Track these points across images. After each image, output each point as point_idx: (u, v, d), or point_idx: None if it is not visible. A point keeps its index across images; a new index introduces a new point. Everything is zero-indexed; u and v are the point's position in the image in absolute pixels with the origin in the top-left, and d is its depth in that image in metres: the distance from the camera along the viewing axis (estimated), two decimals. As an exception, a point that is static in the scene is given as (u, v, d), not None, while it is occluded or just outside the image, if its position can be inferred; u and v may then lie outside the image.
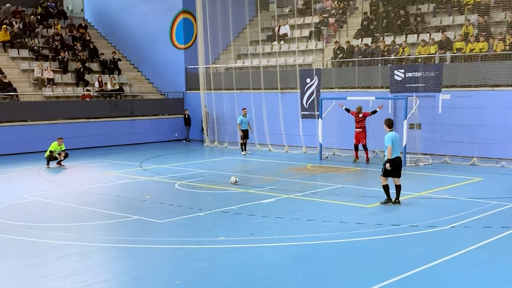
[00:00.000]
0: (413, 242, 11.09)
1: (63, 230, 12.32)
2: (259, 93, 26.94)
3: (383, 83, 23.83)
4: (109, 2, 35.51)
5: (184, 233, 11.96)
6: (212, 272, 9.33)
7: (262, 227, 12.26)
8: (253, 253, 10.38)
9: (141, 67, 33.92)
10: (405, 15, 26.86)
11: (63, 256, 10.40)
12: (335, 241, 11.08)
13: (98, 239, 11.66)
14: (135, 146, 28.30)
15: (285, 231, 11.79)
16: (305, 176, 19.01)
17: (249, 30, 32.47)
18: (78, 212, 13.98)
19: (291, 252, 10.43)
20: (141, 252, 10.62)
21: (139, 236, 11.66)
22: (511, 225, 11.89)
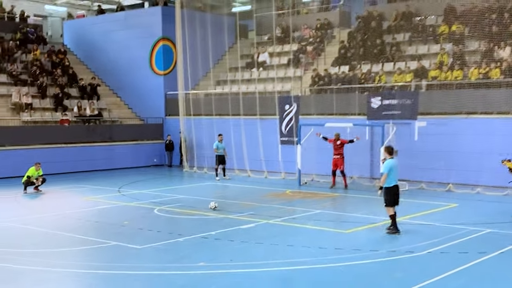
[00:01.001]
0: (391, 267, 11.13)
1: (40, 256, 12.15)
2: (238, 119, 27.02)
3: (361, 110, 24.05)
4: (88, 28, 35.53)
5: (163, 259, 11.87)
6: None
7: (241, 252, 12.23)
8: (233, 279, 10.32)
9: (120, 92, 33.85)
10: (381, 44, 27.22)
11: (39, 282, 10.26)
12: (315, 266, 11.09)
13: (75, 265, 11.52)
14: (113, 171, 28.11)
15: (265, 257, 11.76)
16: (284, 202, 19.03)
17: (229, 57, 32.65)
18: (55, 238, 13.83)
19: (271, 278, 10.40)
20: (119, 278, 10.52)
21: (117, 262, 11.54)
22: (487, 251, 12.00)
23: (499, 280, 10.14)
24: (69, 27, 37.17)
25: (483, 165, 20.88)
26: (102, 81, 34.09)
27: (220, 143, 24.82)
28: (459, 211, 17.20)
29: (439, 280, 10.08)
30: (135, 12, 34.76)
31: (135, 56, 32.42)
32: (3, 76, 29.81)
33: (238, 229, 14.48)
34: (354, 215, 16.18)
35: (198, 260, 11.51)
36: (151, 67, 32.07)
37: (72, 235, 14.05)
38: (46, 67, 31.75)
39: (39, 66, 31.28)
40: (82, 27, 36.19)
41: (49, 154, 26.03)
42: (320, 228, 14.59)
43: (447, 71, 23.45)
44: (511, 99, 21.08)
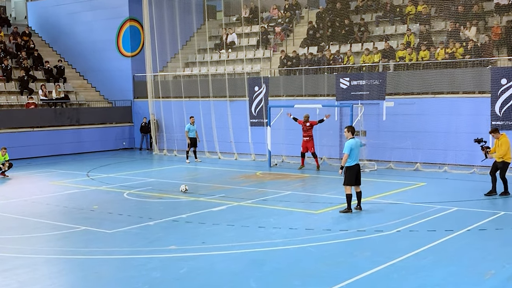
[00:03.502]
0: (360, 246, 11.28)
1: (8, 242, 12.02)
2: (208, 101, 26.94)
3: (330, 91, 24.19)
4: (53, 9, 34.86)
5: (134, 243, 11.84)
6: (165, 282, 9.26)
7: (213, 235, 12.26)
8: (205, 261, 10.35)
9: (87, 75, 33.43)
10: (349, 25, 27.31)
11: (9, 268, 10.14)
12: (286, 247, 11.18)
13: (46, 250, 11.43)
14: (82, 155, 27.85)
15: (236, 238, 11.82)
16: (255, 184, 19.09)
17: (197, 38, 32.45)
18: (24, 223, 13.67)
19: (243, 259, 10.47)
20: (90, 263, 10.47)
21: (88, 247, 11.48)
22: (454, 228, 12.24)
23: (465, 257, 10.35)
24: (33, 8, 36.42)
25: (450, 144, 21.25)
26: (69, 64, 33.65)
27: (192, 125, 24.68)
28: (427, 189, 17.45)
29: (407, 258, 10.25)
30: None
31: (102, 38, 32.00)
32: (-34, 59, 29.24)
33: (209, 211, 14.50)
34: (324, 196, 16.32)
35: (169, 243, 11.51)
36: (118, 49, 31.70)
37: (41, 220, 13.90)
38: (10, 50, 31.20)
39: (3, 49, 30.69)
40: (47, 8, 35.49)
41: (15, 138, 25.66)
42: (291, 209, 14.70)
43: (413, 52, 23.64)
44: (476, 78, 21.35)
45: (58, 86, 30.25)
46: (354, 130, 14.51)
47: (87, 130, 29.54)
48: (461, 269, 9.67)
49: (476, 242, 11.25)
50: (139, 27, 31.06)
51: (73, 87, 31.77)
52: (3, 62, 29.63)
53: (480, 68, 21.54)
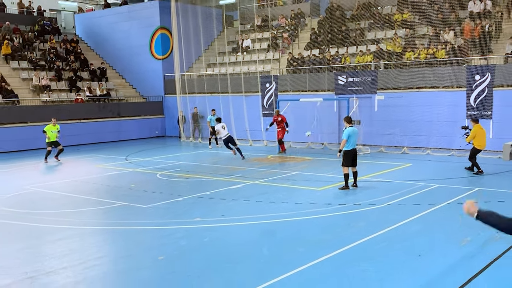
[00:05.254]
0: (357, 218, 11.17)
1: (61, 215, 12.05)
2: (227, 96, 26.84)
3: (329, 87, 23.99)
4: (97, 20, 34.87)
5: (165, 216, 11.83)
6: (191, 249, 9.23)
7: (231, 208, 12.21)
8: (224, 231, 10.32)
9: (125, 75, 33.42)
10: (346, 30, 27.04)
11: (63, 238, 10.17)
12: (293, 219, 11.10)
13: (92, 222, 11.45)
14: (121, 143, 27.90)
15: (251, 212, 11.76)
16: (267, 165, 19.01)
17: (217, 43, 32.29)
18: (74, 200, 13.71)
19: (257, 229, 10.40)
20: (129, 233, 10.47)
21: (127, 219, 11.48)
22: (436, 202, 12.10)
23: (446, 225, 10.23)
24: (80, 19, 36.43)
25: (432, 131, 21.02)
26: (110, 65, 33.64)
27: (213, 116, 24.66)
28: (413, 169, 17.28)
29: (397, 227, 10.15)
30: (137, 5, 34.09)
31: (137, 43, 31.97)
32: (24, 62, 29.26)
33: (229, 189, 14.44)
34: (325, 175, 16.20)
35: (195, 216, 11.48)
36: (151, 53, 31.64)
37: (88, 197, 13.93)
38: (61, 54, 31.24)
39: (55, 53, 30.74)
40: (91, 19, 35.50)
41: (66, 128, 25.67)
42: (297, 186, 14.61)
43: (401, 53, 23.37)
44: (454, 75, 21.10)
45: (101, 84, 30.27)
46: (351, 119, 14.50)
47: (125, 121, 29.57)
48: (442, 237, 9.55)
49: (455, 213, 11.09)
50: (169, 34, 30.95)
51: (113, 85, 31.78)
52: (55, 65, 29.67)
53: (457, 66, 21.25)
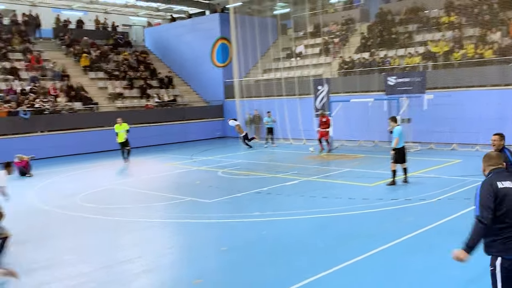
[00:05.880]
0: (408, 212, 10.84)
1: (135, 210, 12.38)
2: (281, 99, 26.78)
3: (379, 88, 23.45)
4: (164, 33, 35.65)
5: (227, 210, 11.91)
6: (251, 241, 9.23)
7: (288, 203, 12.14)
8: (281, 225, 10.26)
9: (189, 82, 33.97)
10: (394, 34, 26.40)
11: (135, 230, 10.44)
12: (346, 213, 10.91)
13: (162, 216, 11.68)
14: (186, 143, 28.36)
15: (306, 207, 11.65)
16: (320, 163, 18.82)
17: (272, 50, 32.25)
18: (146, 196, 14.04)
19: (311, 223, 10.29)
20: (195, 226, 10.59)
21: (193, 213, 11.63)
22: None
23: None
24: (149, 33, 37.37)
25: (481, 127, 20.11)
26: (176, 74, 34.28)
27: (269, 118, 24.84)
28: (462, 165, 16.63)
29: (447, 221, 9.78)
30: (199, 19, 34.62)
31: (200, 53, 32.41)
32: (101, 73, 30.29)
33: (284, 185, 14.38)
34: (377, 172, 15.84)
35: (254, 210, 11.49)
36: (212, 61, 32.01)
37: (158, 193, 14.24)
38: (132, 65, 32.12)
39: (127, 64, 31.64)
40: (159, 32, 36.34)
41: (137, 131, 26.41)
42: (350, 183, 14.35)
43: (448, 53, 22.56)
44: (501, 74, 20.23)
45: (168, 91, 30.92)
46: (397, 119, 14.25)
47: (190, 124, 30.03)
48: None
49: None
50: (228, 43, 31.21)
51: (179, 92, 32.36)
52: (127, 74, 30.54)
53: (504, 65, 20.32)
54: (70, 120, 25.35)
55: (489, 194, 4.45)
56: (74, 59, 30.53)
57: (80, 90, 27.38)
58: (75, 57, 30.58)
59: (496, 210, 4.40)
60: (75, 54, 30.69)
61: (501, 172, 4.73)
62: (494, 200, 4.42)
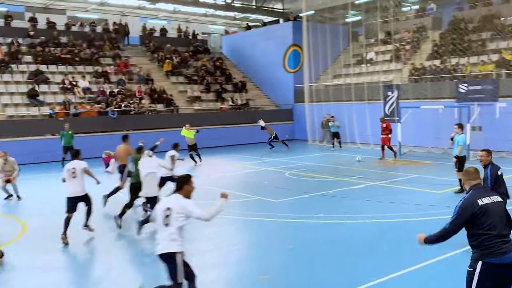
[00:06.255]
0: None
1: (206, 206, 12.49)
2: (351, 104, 26.24)
3: (450, 95, 22.36)
4: (240, 41, 36.10)
5: (293, 210, 11.76)
6: (316, 241, 9.06)
7: (353, 207, 11.81)
8: (346, 227, 9.98)
9: (262, 87, 34.13)
10: (468, 41, 25.08)
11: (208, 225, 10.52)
12: (412, 219, 10.44)
13: (232, 213, 11.71)
14: (256, 145, 28.48)
15: (371, 211, 11.28)
16: (387, 168, 18.20)
17: (343, 56, 31.72)
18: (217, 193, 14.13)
19: (377, 227, 9.93)
20: (262, 224, 10.56)
21: (260, 211, 11.62)
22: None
23: None
24: (226, 41, 38.00)
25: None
26: (249, 79, 34.57)
27: (332, 123, 24.52)
28: (536, 176, 15.42)
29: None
30: (273, 27, 34.73)
31: (272, 60, 32.49)
32: (181, 77, 31.13)
33: (350, 189, 14.02)
34: (445, 179, 15.07)
35: (319, 212, 11.27)
36: (284, 67, 31.98)
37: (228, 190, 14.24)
38: (210, 70, 32.73)
39: (205, 70, 32.31)
40: (235, 40, 36.84)
41: (212, 132, 26.93)
42: (417, 189, 13.75)
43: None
44: None
45: (242, 95, 31.24)
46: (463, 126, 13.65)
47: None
48: None
49: None
50: (300, 50, 31.04)
51: (252, 96, 32.59)
52: (205, 79, 31.18)
53: None
54: (152, 120, 26.25)
55: (466, 214, 4.89)
56: (157, 64, 31.62)
57: (162, 93, 28.29)
58: (158, 63, 31.67)
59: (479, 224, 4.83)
60: (158, 60, 31.78)
61: (479, 189, 5.10)
62: (470, 218, 4.87)
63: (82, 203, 9.72)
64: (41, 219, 11.42)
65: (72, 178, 9.58)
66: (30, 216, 11.82)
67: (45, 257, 8.68)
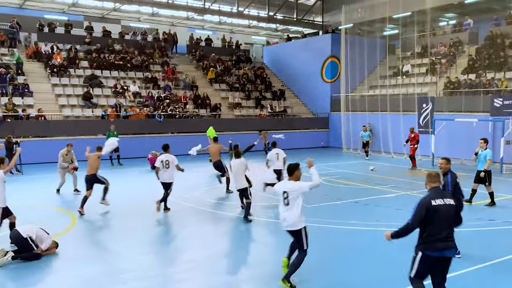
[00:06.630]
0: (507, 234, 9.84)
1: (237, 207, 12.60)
2: (385, 114, 25.82)
3: (484, 108, 21.69)
4: (280, 51, 36.18)
5: (325, 215, 11.66)
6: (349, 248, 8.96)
7: (385, 215, 11.62)
8: (378, 235, 9.82)
9: (299, 95, 34.08)
10: (504, 56, 24.25)
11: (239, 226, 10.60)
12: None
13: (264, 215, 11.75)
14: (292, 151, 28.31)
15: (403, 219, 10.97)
16: (419, 178, 17.76)
17: (379, 68, 31.29)
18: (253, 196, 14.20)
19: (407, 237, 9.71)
20: (294, 227, 10.52)
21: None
22: None
23: None
24: (267, 51, 38.16)
25: None
26: (288, 87, 34.58)
27: (364, 132, 24.18)
28: None
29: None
30: (312, 39, 34.64)
31: (310, 70, 32.39)
32: (223, 85, 31.49)
33: (382, 197, 13.80)
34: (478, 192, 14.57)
35: (351, 219, 11.15)
36: (321, 77, 31.82)
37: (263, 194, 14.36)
38: (251, 79, 32.95)
39: (246, 78, 32.54)
40: (276, 50, 36.95)
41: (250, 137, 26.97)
42: (448, 200, 13.37)
43: None
44: None
45: (280, 103, 31.27)
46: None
47: (297, 133, 30.06)
48: None
49: None
50: (337, 61, 30.83)
51: (290, 103, 32.58)
52: (246, 87, 31.40)
53: None
54: (196, 124, 26.65)
55: (422, 211, 5.60)
56: (202, 72, 32.11)
57: (206, 99, 28.68)
58: (203, 71, 32.15)
59: (427, 221, 5.58)
60: (203, 68, 32.26)
61: (436, 191, 5.79)
62: (425, 215, 5.58)
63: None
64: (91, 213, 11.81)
65: (165, 168, 11.85)
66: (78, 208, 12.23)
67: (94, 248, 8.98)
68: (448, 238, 5.60)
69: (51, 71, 26.15)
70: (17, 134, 20.48)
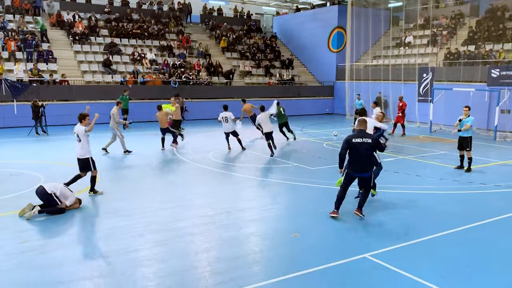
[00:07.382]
0: (494, 197, 9.84)
1: (250, 170, 12.69)
2: (387, 83, 25.44)
3: (482, 79, 21.27)
4: (289, 21, 35.44)
5: (327, 177, 11.69)
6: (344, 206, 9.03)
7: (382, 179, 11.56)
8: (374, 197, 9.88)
9: (307, 64, 33.59)
10: (503, 29, 23.53)
11: (250, 186, 10.73)
12: (435, 192, 10.20)
13: (270, 176, 11.85)
14: (299, 117, 28.28)
15: (399, 182, 11.09)
16: (418, 144, 17.69)
17: (383, 39, 30.60)
18: (260, 158, 14.32)
19: (402, 197, 9.78)
20: (297, 188, 10.61)
21: (298, 177, 11.65)
22: None
23: None
24: (277, 21, 37.37)
25: None
26: (296, 57, 34.06)
27: (358, 101, 23.69)
28: (560, 159, 14.59)
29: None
30: (320, 9, 33.78)
31: (318, 40, 31.79)
32: (235, 53, 31.08)
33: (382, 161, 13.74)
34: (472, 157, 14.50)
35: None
36: (328, 47, 31.25)
37: (268, 157, 14.43)
38: (261, 48, 32.48)
39: (257, 47, 32.06)
40: (285, 20, 36.19)
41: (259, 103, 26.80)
42: (443, 165, 13.35)
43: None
44: None
45: (288, 71, 30.88)
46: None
47: (303, 100, 29.86)
48: None
49: None
50: (343, 32, 30.19)
51: (297, 72, 32.18)
52: (256, 56, 30.96)
53: None
54: (209, 91, 26.54)
55: (345, 144, 7.89)
56: (215, 41, 31.66)
57: (218, 67, 28.40)
58: (216, 40, 31.70)
59: (350, 152, 7.89)
60: (216, 37, 31.79)
61: (359, 132, 7.99)
62: (346, 147, 7.88)
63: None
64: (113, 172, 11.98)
65: (225, 122, 15.34)
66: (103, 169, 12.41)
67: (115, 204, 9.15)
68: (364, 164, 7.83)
69: (73, 38, 25.96)
70: (42, 98, 20.56)
